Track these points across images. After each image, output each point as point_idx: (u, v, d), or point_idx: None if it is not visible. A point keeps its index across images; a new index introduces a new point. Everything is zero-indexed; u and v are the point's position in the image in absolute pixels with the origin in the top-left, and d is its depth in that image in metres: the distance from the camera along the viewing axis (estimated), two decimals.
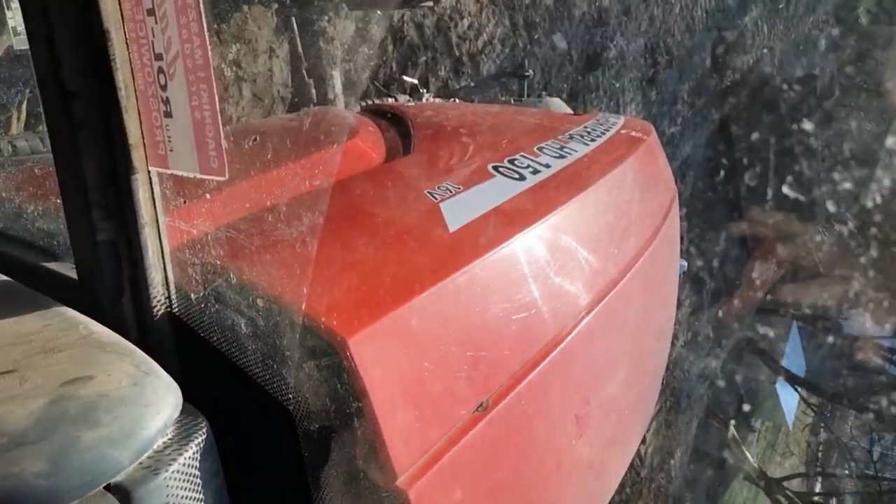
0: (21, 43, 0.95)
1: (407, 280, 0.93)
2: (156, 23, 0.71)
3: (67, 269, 0.86)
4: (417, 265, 0.97)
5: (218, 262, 0.77)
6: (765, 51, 8.59)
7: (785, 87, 8.23)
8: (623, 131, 1.91)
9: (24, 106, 2.11)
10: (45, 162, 0.88)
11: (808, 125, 8.27)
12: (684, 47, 7.01)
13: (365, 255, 0.94)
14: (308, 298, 0.78)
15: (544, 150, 1.55)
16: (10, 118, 2.04)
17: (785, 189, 7.94)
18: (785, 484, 8.57)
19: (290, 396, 0.75)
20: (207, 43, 0.68)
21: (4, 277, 0.81)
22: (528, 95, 4.28)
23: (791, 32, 9.17)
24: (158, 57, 0.72)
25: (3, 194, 1.04)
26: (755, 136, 7.86)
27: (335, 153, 0.85)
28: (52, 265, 0.88)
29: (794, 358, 9.15)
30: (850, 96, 9.84)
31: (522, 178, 1.36)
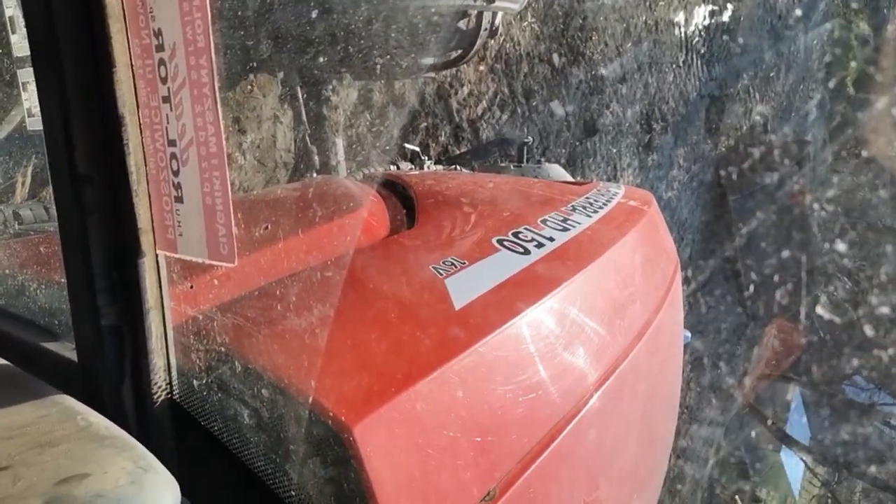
0: (34, 124, 0.96)
1: (412, 362, 0.91)
2: (171, 110, 0.72)
3: (68, 350, 0.84)
4: (423, 346, 0.95)
5: (221, 349, 0.76)
6: (757, 117, 8.80)
7: (777, 152, 8.40)
8: (624, 201, 1.93)
9: (29, 171, 2.12)
10: (48, 235, 0.87)
11: (801, 185, 8.40)
12: (679, 114, 7.17)
13: (369, 337, 0.93)
14: (312, 385, 0.76)
15: (548, 223, 1.55)
16: (15, 184, 2.04)
17: (784, 254, 8.00)
18: None
19: (293, 489, 0.72)
20: (222, 131, 0.68)
21: (2, 361, 0.79)
22: (528, 161, 4.34)
23: (782, 100, 9.41)
24: (172, 143, 0.73)
25: (5, 269, 1.03)
26: (750, 198, 7.97)
27: (347, 231, 0.85)
28: (51, 345, 0.86)
29: (798, 425, 8.99)
30: (840, 161, 10.04)
31: (527, 252, 1.36)
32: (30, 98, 0.94)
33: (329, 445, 0.75)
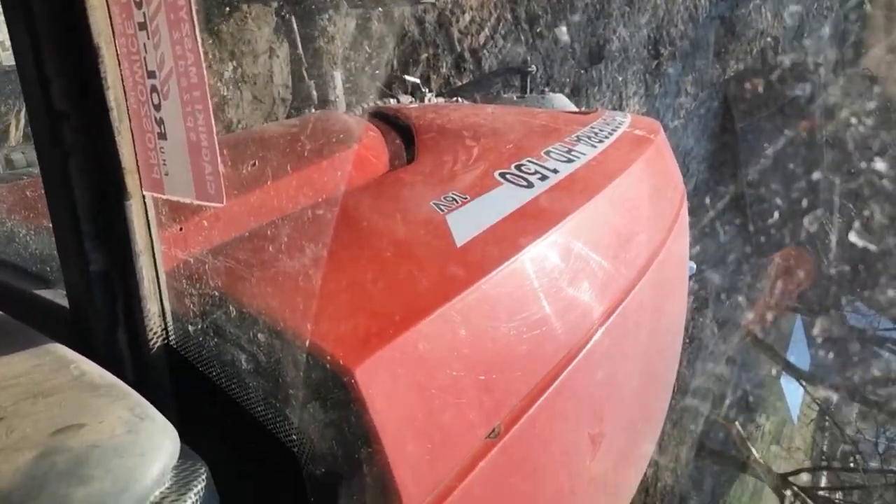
0: (9, 59, 0.90)
1: (414, 302, 0.88)
2: (148, 38, 0.67)
3: (60, 298, 0.82)
4: (424, 285, 0.93)
5: (216, 293, 0.74)
6: (768, 39, 8.51)
7: (788, 74, 8.16)
8: (630, 130, 1.87)
9: (22, 115, 2.05)
10: (35, 180, 0.83)
11: (811, 113, 8.22)
12: (687, 38, 6.93)
13: (369, 277, 0.90)
14: (310, 327, 0.74)
15: (551, 154, 1.51)
16: (9, 128, 1.99)
17: (793, 181, 7.90)
18: (791, 479, 8.54)
19: (294, 433, 0.71)
20: (202, 60, 0.64)
21: None
22: (531, 91, 4.22)
23: (794, 20, 9.08)
24: (151, 75, 0.68)
25: None
26: (757, 126, 7.80)
27: (340, 168, 0.81)
28: (43, 293, 0.84)
29: (798, 352, 9.11)
30: (853, 83, 9.77)
31: (530, 185, 1.32)
32: (2, 30, 0.88)
33: (330, 388, 0.73)
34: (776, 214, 8.01)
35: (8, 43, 0.74)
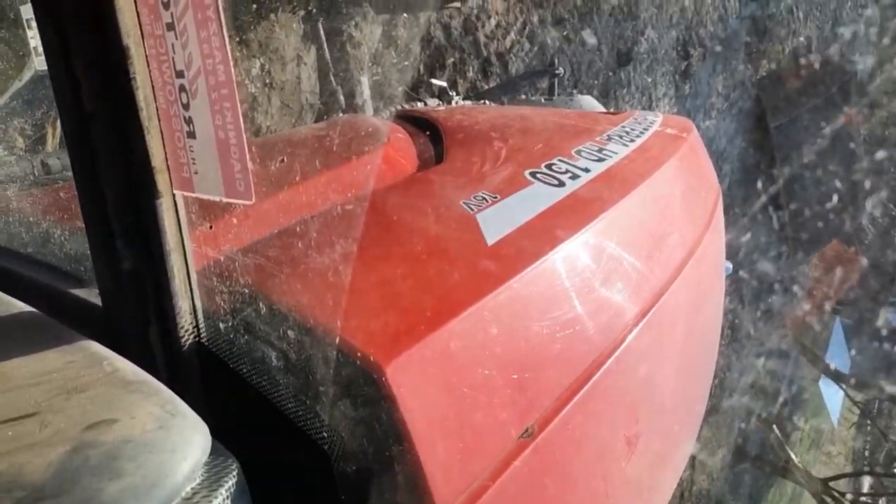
0: (42, 64, 0.92)
1: (445, 300, 0.87)
2: (176, 38, 0.67)
3: (93, 296, 0.83)
4: (455, 283, 0.92)
5: (246, 290, 0.73)
6: (801, 39, 8.34)
7: (822, 75, 7.98)
8: (662, 129, 1.84)
9: (58, 122, 2.10)
10: (70, 182, 0.85)
11: (847, 111, 8.02)
12: (717, 38, 6.83)
13: (400, 275, 0.89)
14: (341, 325, 0.73)
15: (582, 154, 1.48)
16: (46, 135, 2.03)
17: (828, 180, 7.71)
18: (832, 484, 8.30)
19: (324, 430, 0.70)
20: (230, 58, 0.64)
21: (30, 309, 0.78)
22: (559, 93, 4.19)
23: (828, 19, 8.89)
24: (180, 74, 0.68)
25: (32, 218, 1.02)
26: (792, 125, 7.63)
27: (368, 166, 0.81)
28: (77, 292, 0.85)
29: (838, 354, 8.86)
30: (891, 82, 9.50)
31: (561, 184, 1.30)
32: (35, 35, 0.90)
33: (361, 386, 0.73)
34: (813, 213, 7.82)
35: (41, 48, 0.76)
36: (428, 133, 1.60)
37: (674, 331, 1.40)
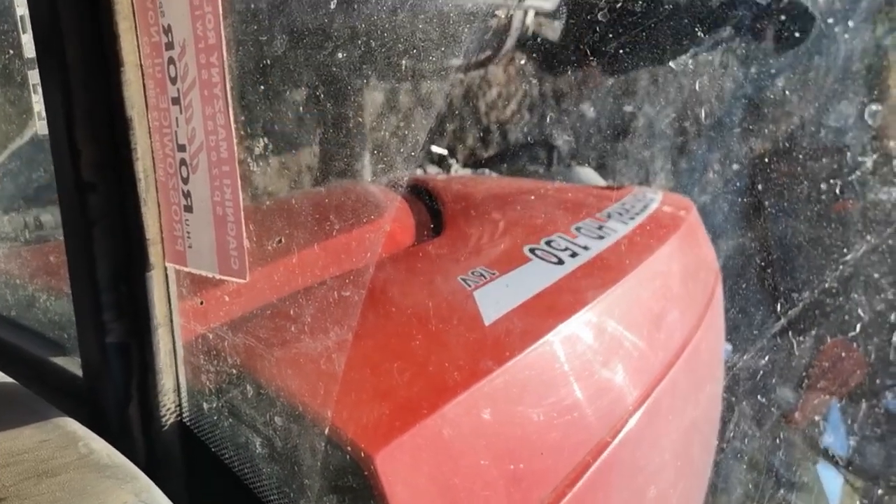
0: (44, 128, 0.92)
1: (438, 383, 0.84)
2: (180, 112, 0.67)
3: (75, 367, 0.80)
4: (450, 365, 0.89)
5: (233, 370, 0.70)
6: (794, 119, 8.56)
7: (816, 157, 8.15)
8: (662, 208, 1.84)
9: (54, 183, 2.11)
10: (59, 244, 0.83)
11: (840, 194, 8.14)
12: (713, 116, 7.00)
13: (391, 356, 0.86)
14: (329, 410, 0.70)
15: (582, 231, 1.48)
16: (42, 188, 2.03)
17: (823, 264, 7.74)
18: None
19: None
20: (233, 136, 0.63)
21: (7, 379, 0.74)
22: (558, 164, 4.25)
23: (821, 102, 9.15)
24: (181, 148, 0.68)
25: (17, 280, 1.00)
26: (788, 205, 7.73)
27: (367, 241, 0.79)
28: (58, 361, 0.82)
29: (835, 437, 8.71)
30: (884, 166, 9.69)
31: (561, 261, 1.28)
32: (39, 100, 0.90)
33: (348, 476, 0.69)
34: (810, 297, 7.82)
35: (43, 113, 0.75)
36: (426, 202, 1.60)
37: (674, 416, 1.36)
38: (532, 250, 1.29)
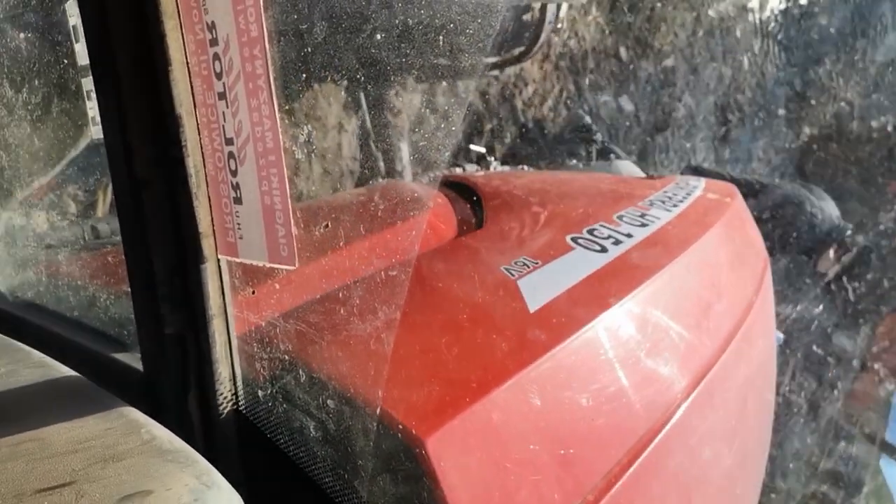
0: (98, 133, 0.96)
1: (486, 369, 0.84)
2: (227, 106, 0.69)
3: (135, 361, 0.83)
4: (497, 351, 0.89)
5: (285, 357, 0.72)
6: (842, 104, 8.28)
7: (865, 139, 7.86)
8: (706, 195, 1.81)
9: (108, 188, 2.18)
10: (117, 246, 0.86)
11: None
12: (756, 104, 6.83)
13: (441, 343, 0.87)
14: (382, 395, 0.71)
15: (624, 219, 1.46)
16: (97, 201, 2.10)
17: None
18: None
19: None
20: (278, 126, 0.65)
21: (72, 373, 0.78)
22: (597, 158, 4.21)
23: (868, 84, 8.83)
24: (229, 141, 0.69)
25: (79, 282, 1.04)
26: (836, 191, 7.47)
27: (412, 232, 0.80)
28: (120, 356, 0.85)
29: None
30: None
31: (604, 249, 1.27)
32: (93, 107, 0.93)
33: (400, 460, 0.70)
34: (865, 280, 7.55)
35: (98, 118, 0.78)
36: (467, 198, 1.61)
37: (726, 404, 1.33)
38: (575, 239, 1.28)
